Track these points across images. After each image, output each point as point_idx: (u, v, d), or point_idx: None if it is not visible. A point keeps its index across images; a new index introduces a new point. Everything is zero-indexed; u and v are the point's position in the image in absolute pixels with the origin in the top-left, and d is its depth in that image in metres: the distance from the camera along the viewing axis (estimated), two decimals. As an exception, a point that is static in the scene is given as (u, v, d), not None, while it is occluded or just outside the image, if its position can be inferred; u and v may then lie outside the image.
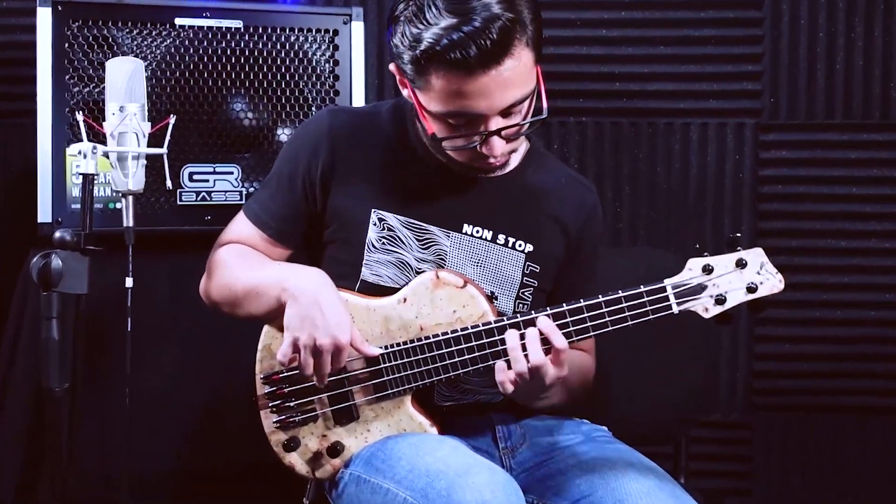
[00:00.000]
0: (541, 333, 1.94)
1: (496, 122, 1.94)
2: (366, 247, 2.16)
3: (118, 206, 2.52)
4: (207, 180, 2.80)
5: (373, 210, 2.15)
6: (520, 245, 2.21)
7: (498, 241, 2.20)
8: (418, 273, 2.15)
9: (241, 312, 2.18)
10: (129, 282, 2.23)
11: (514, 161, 2.23)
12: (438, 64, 1.88)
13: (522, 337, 1.95)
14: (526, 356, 1.93)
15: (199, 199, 2.79)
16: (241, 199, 2.79)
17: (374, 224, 2.16)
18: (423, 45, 1.88)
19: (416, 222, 2.15)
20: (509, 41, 1.86)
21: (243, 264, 2.19)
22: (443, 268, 2.16)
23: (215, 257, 2.25)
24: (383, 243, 2.16)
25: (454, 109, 1.93)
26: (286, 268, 2.14)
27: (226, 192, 2.81)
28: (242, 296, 2.16)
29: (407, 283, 2.13)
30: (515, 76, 1.90)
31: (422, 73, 1.93)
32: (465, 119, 1.95)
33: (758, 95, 3.44)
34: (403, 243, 2.15)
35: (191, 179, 2.79)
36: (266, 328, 2.16)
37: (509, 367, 1.95)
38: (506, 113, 1.95)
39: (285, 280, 2.06)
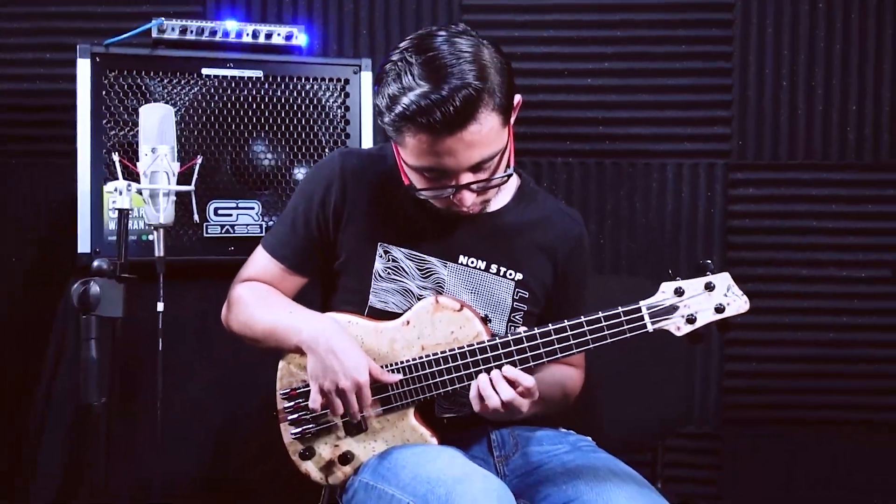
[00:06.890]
0: (507, 379, 1.93)
1: (466, 177, 1.91)
2: (373, 276, 2.12)
3: (150, 237, 2.43)
4: (231, 215, 2.74)
5: (379, 243, 2.12)
6: (510, 274, 2.16)
7: (490, 271, 2.16)
8: (420, 299, 2.12)
9: (260, 347, 2.16)
10: (160, 306, 2.19)
11: (506, 197, 2.19)
12: (410, 125, 1.86)
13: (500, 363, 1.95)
14: (498, 394, 1.92)
15: (223, 231, 2.73)
16: (261, 232, 2.73)
17: (380, 256, 2.12)
18: (397, 107, 1.85)
19: (417, 254, 2.12)
20: (473, 108, 1.82)
21: (262, 305, 2.14)
22: (442, 294, 2.12)
23: (235, 293, 2.20)
24: (388, 273, 2.12)
25: (427, 165, 1.91)
26: (300, 316, 2.10)
27: (247, 225, 2.75)
28: (261, 337, 2.14)
29: (410, 308, 2.10)
30: (481, 138, 1.86)
31: (398, 132, 1.90)
32: (437, 173, 1.92)
33: (727, 139, 3.41)
34: (406, 273, 2.12)
35: (216, 214, 2.73)
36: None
37: (482, 401, 1.93)
38: (476, 168, 1.91)
39: (300, 331, 2.04)
